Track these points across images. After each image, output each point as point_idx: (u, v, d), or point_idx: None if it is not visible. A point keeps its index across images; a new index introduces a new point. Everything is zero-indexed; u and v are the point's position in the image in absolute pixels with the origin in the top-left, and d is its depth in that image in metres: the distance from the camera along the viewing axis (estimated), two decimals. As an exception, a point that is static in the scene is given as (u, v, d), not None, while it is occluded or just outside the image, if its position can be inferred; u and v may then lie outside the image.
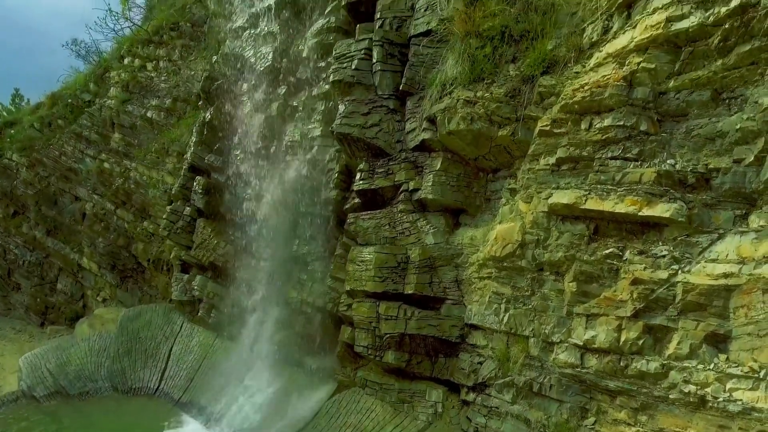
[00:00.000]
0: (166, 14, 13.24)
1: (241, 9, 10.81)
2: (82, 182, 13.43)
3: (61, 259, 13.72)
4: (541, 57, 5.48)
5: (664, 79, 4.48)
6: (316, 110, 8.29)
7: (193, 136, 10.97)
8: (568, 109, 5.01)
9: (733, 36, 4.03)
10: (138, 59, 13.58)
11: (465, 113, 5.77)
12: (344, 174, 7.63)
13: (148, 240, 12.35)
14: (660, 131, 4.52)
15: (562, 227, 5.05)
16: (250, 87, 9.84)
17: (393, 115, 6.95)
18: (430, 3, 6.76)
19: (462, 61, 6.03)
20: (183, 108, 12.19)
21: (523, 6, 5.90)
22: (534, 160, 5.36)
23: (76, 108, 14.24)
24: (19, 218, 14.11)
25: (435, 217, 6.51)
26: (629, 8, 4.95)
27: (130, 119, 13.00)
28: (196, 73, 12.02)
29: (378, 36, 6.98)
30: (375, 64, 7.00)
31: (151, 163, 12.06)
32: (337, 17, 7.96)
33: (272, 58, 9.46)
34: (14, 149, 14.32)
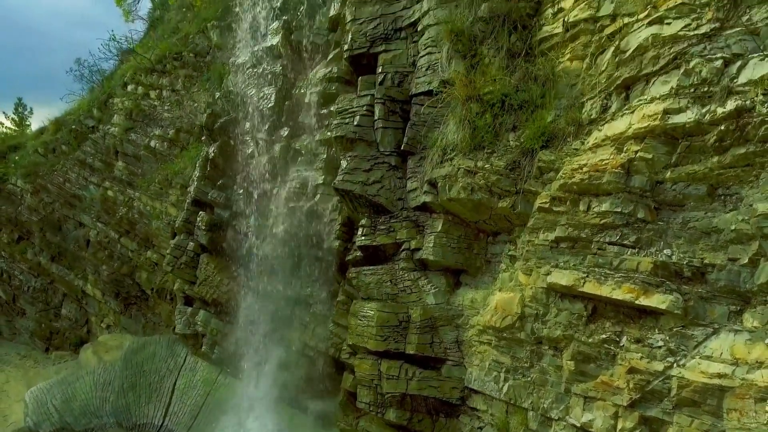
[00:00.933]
0: (169, 43, 13.32)
1: (243, 45, 10.89)
2: (86, 209, 13.55)
3: (66, 286, 13.84)
4: (541, 130, 5.56)
5: (661, 169, 4.56)
6: (319, 157, 8.37)
7: (197, 171, 11.07)
8: (566, 188, 5.09)
9: (728, 138, 4.11)
10: (141, 87, 13.67)
11: (465, 183, 5.85)
12: (346, 226, 7.72)
13: (151, 269, 12.46)
14: (657, 219, 4.59)
15: (561, 305, 5.14)
16: (253, 126, 9.93)
17: (395, 171, 7.03)
18: (431, 63, 6.83)
19: (463, 127, 6.11)
20: (186, 139, 12.29)
21: (523, 75, 5.98)
22: (533, 233, 5.45)
23: (79, 134, 14.34)
24: (23, 244, 14.23)
25: (436, 277, 6.59)
26: (628, 90, 5.03)
27: (133, 148, 13.09)
28: (199, 105, 12.10)
29: (380, 94, 7.06)
30: (377, 121, 7.08)
31: (154, 194, 12.16)
32: (339, 67, 8.03)
33: (275, 99, 9.54)
34: (19, 175, 14.44)
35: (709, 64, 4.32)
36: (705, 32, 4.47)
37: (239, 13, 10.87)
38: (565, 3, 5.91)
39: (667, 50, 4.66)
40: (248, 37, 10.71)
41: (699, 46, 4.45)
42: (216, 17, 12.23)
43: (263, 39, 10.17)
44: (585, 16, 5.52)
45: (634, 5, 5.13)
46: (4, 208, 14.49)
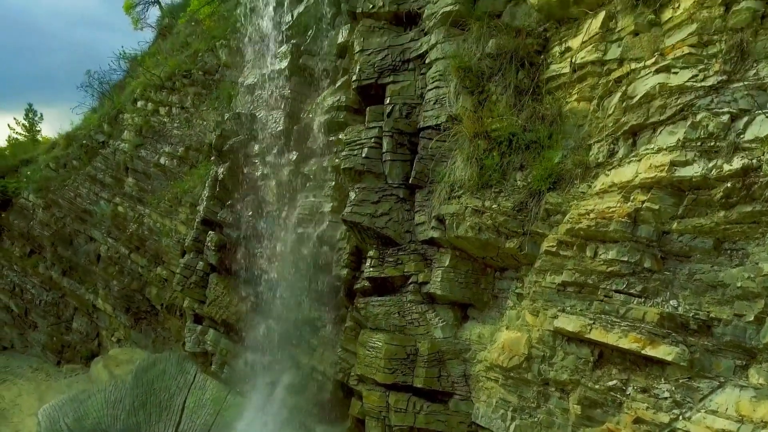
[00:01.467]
0: (178, 60, 13.44)
1: (252, 65, 10.99)
2: (97, 225, 13.71)
3: (77, 300, 14.01)
4: (548, 171, 5.60)
5: (668, 220, 4.60)
6: (327, 184, 8.45)
7: (206, 191, 11.18)
8: (573, 233, 5.14)
9: (735, 195, 4.14)
10: (151, 103, 13.81)
11: (473, 222, 5.91)
12: (354, 255, 7.78)
13: (161, 285, 12.60)
14: (663, 269, 4.63)
15: (568, 348, 5.19)
16: (262, 149, 10.02)
17: (402, 204, 7.10)
18: (439, 97, 6.89)
19: (470, 164, 6.16)
20: (195, 157, 12.40)
21: (531, 114, 6.02)
22: (540, 274, 5.50)
23: (90, 149, 14.50)
24: (35, 258, 14.42)
25: (444, 310, 6.65)
26: (635, 136, 5.06)
27: (143, 165, 13.23)
28: (208, 123, 12.21)
29: (388, 127, 7.12)
30: (385, 153, 7.14)
31: (164, 211, 12.28)
32: (347, 96, 8.10)
33: (283, 122, 9.63)
34: (31, 189, 14.63)
35: (716, 119, 4.35)
36: (712, 84, 4.50)
37: (248, 35, 10.96)
38: (572, 42, 5.95)
39: (674, 100, 4.69)
40: (257, 59, 10.81)
41: (706, 99, 4.48)
42: (224, 36, 12.33)
43: (272, 61, 10.27)
44: (592, 58, 5.56)
45: (642, 51, 5.16)
46: (16, 223, 14.68)
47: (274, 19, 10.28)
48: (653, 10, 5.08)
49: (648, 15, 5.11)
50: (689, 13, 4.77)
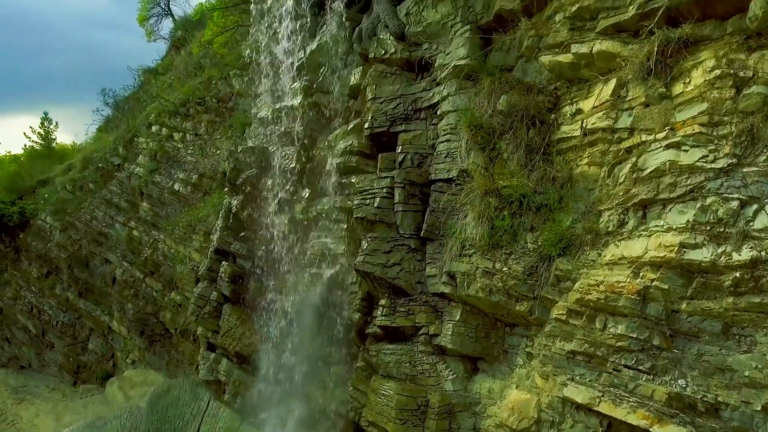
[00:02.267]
0: (192, 87, 13.62)
1: (265, 98, 11.11)
2: (112, 248, 13.94)
3: (92, 321, 14.27)
4: (558, 236, 5.67)
5: (677, 299, 4.66)
6: (339, 226, 8.56)
7: (219, 221, 11.34)
8: (583, 303, 5.21)
9: (743, 285, 4.19)
10: (165, 129, 14.01)
11: (484, 284, 6.00)
12: (366, 300, 7.89)
13: (175, 310, 12.80)
14: (672, 347, 4.69)
15: (577, 416, 5.26)
16: (275, 185, 10.15)
17: (414, 254, 7.19)
18: (450, 150, 6.97)
19: (481, 223, 6.24)
20: (209, 184, 12.58)
21: (542, 175, 6.08)
22: (550, 338, 5.57)
23: (106, 172, 14.75)
24: (52, 279, 14.69)
25: (454, 362, 6.75)
26: (645, 208, 5.12)
27: (157, 190, 13.44)
28: (221, 152, 12.38)
29: (400, 178, 7.22)
30: (397, 204, 7.24)
31: (178, 238, 12.48)
32: (359, 141, 8.18)
33: (296, 159, 9.75)
34: (48, 211, 14.90)
35: (725, 204, 4.40)
36: (722, 167, 4.56)
37: (260, 68, 11.08)
38: (583, 105, 6.00)
39: (684, 179, 4.75)
40: (269, 92, 10.93)
41: (716, 182, 4.54)
42: (238, 65, 12.48)
43: (284, 96, 10.39)
44: (603, 125, 5.61)
45: (652, 122, 5.21)
46: (34, 244, 14.98)
47: (287, 55, 10.39)
48: (664, 83, 5.13)
49: (659, 88, 5.16)
50: (700, 91, 4.82)
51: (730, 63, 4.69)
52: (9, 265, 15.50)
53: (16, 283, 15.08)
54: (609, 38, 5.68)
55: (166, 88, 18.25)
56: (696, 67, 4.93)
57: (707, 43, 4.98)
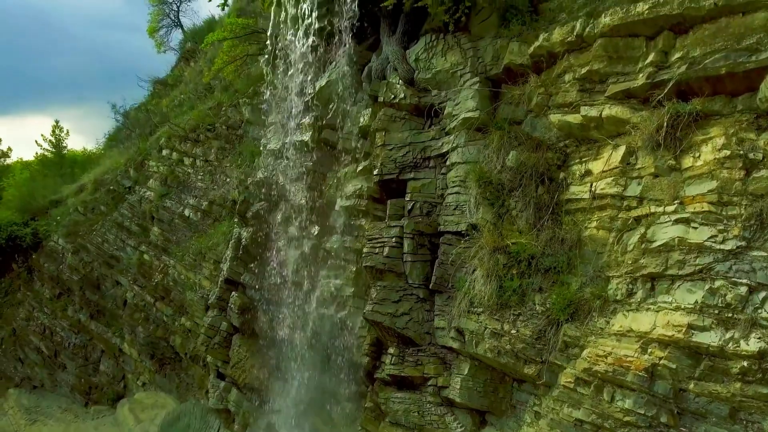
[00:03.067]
0: (202, 113, 13.73)
1: (275, 131, 11.18)
2: (123, 271, 14.10)
3: (104, 343, 14.45)
4: (567, 301, 5.70)
5: (685, 379, 4.68)
6: (349, 268, 8.62)
7: (229, 251, 11.43)
8: (591, 373, 5.24)
9: (751, 375, 4.22)
10: (176, 153, 14.14)
11: (492, 345, 6.04)
12: (374, 345, 7.94)
13: (186, 336, 12.92)
14: (680, 425, 4.72)
15: (584, 485, 5.30)
16: (285, 219, 10.23)
17: (423, 303, 7.24)
18: (459, 203, 7.01)
19: (490, 281, 6.28)
20: (219, 212, 12.69)
21: (550, 235, 6.11)
22: (558, 403, 5.60)
23: (117, 195, 14.91)
24: (64, 300, 14.88)
25: (462, 414, 6.79)
26: (653, 281, 5.15)
27: (168, 215, 13.57)
28: (231, 180, 12.48)
29: (409, 228, 7.26)
30: (405, 254, 7.29)
31: (188, 265, 12.59)
32: (368, 185, 8.24)
33: (306, 196, 9.82)
34: (60, 233, 15.07)
35: (734, 289, 4.42)
36: (731, 249, 4.58)
37: (271, 100, 11.16)
38: (592, 166, 6.02)
39: (692, 258, 4.77)
40: (279, 125, 11.00)
41: (725, 264, 4.56)
42: (248, 94, 12.57)
43: (294, 130, 10.45)
44: (612, 192, 5.64)
45: (661, 193, 5.23)
46: (46, 266, 15.17)
47: (297, 88, 10.45)
48: (673, 156, 5.15)
49: (668, 159, 5.18)
50: (709, 168, 4.84)
51: (740, 142, 4.71)
52: (22, 285, 15.72)
53: (29, 304, 15.30)
54: (618, 103, 5.70)
55: (176, 107, 18.42)
56: (706, 143, 4.95)
57: (717, 118, 4.99)
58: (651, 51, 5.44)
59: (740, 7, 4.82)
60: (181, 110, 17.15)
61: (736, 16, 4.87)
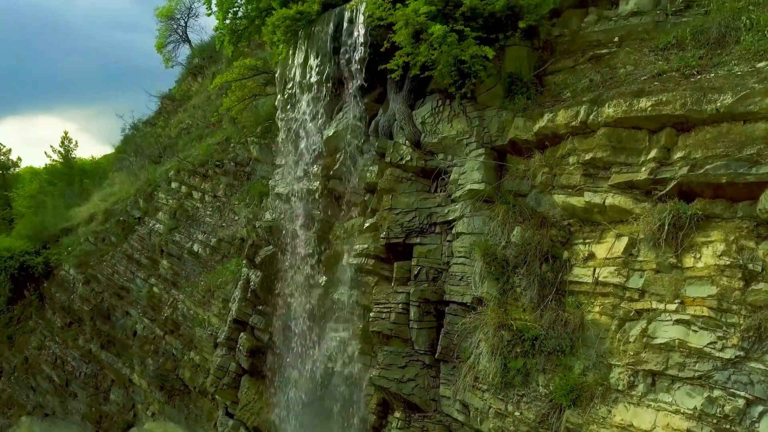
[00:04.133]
0: (211, 148, 13.89)
1: (282, 174, 11.31)
2: (133, 303, 14.32)
3: (114, 373, 14.68)
4: (570, 386, 5.82)
5: (684, 482, 4.80)
6: (356, 324, 8.74)
7: (238, 291, 11.60)
8: (593, 464, 5.37)
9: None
10: (185, 186, 14.31)
11: (496, 425, 6.18)
12: (381, 405, 8.09)
13: (194, 370, 13.12)
14: None
15: None
16: (292, 266, 10.38)
17: (428, 370, 7.39)
18: (464, 274, 7.14)
19: (494, 358, 6.41)
20: (227, 248, 12.85)
21: (554, 317, 6.22)
22: (561, 486, 5.74)
23: (127, 225, 15.12)
24: (75, 330, 15.12)
25: (468, 483, 6.94)
26: (654, 377, 5.26)
27: (177, 249, 13.75)
28: (239, 218, 12.64)
29: (415, 297, 7.40)
30: (412, 321, 7.43)
31: (197, 301, 12.78)
32: (375, 246, 8.35)
33: (314, 244, 9.96)
34: (71, 263, 15.30)
35: (732, 401, 4.54)
36: (730, 358, 4.69)
37: (279, 144, 11.28)
38: (596, 249, 6.13)
39: (692, 363, 4.89)
40: (287, 168, 11.12)
41: (723, 374, 4.67)
42: (256, 134, 12.71)
43: (302, 178, 10.58)
44: (614, 281, 5.74)
45: (663, 289, 5.34)
46: (58, 296, 15.43)
47: (305, 135, 10.58)
48: (675, 254, 5.25)
49: (670, 257, 5.28)
50: (710, 273, 4.96)
51: (740, 251, 4.82)
52: (34, 312, 15.99)
53: (41, 333, 15.58)
54: (621, 193, 5.81)
55: (183, 131, 18.61)
56: (706, 245, 5.06)
57: (718, 221, 5.10)
58: (653, 146, 5.55)
59: (741, 116, 4.92)
60: (189, 138, 17.33)
61: (737, 122, 4.97)
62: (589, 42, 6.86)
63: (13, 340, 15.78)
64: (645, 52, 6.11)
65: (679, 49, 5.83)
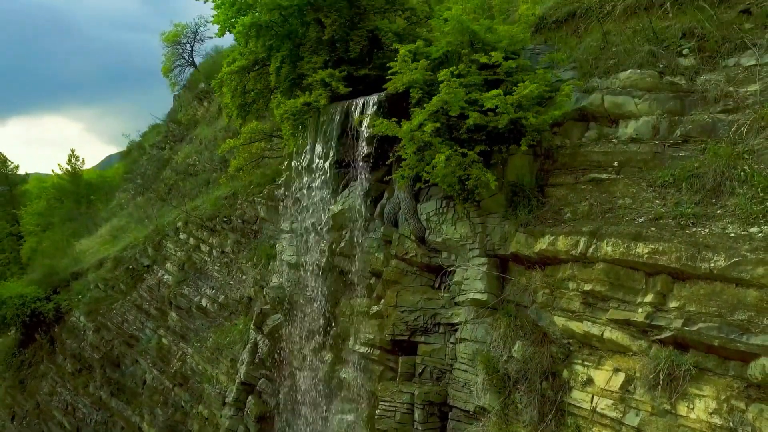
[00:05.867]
0: (218, 203, 14.14)
1: (289, 241, 11.54)
2: (142, 353, 14.61)
3: (124, 421, 15.00)
4: None
5: None
6: (363, 411, 8.99)
7: (246, 354, 11.88)
8: None
9: None
10: (193, 239, 14.58)
11: None
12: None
13: (203, 423, 13.42)
14: None
15: None
16: (300, 339, 10.64)
17: (434, 471, 7.64)
18: (467, 381, 7.38)
19: (497, 474, 6.65)
20: (235, 306, 13.12)
21: None
22: None
23: (136, 274, 15.40)
24: (85, 376, 15.44)
25: None
26: None
27: (185, 302, 14.04)
28: (247, 279, 12.90)
29: (420, 399, 7.65)
30: (417, 423, 7.68)
31: (206, 358, 13.07)
32: (381, 338, 8.59)
33: (320, 320, 10.21)
34: (81, 310, 15.61)
35: None
36: None
37: (285, 209, 11.51)
38: (594, 374, 6.34)
39: None
40: (293, 235, 11.35)
41: None
42: (263, 195, 12.94)
43: (309, 250, 10.81)
44: (611, 415, 5.97)
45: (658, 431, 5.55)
46: (69, 342, 15.75)
47: (312, 208, 10.80)
48: (669, 401, 5.47)
49: (664, 403, 5.51)
50: (701, 428, 5.17)
51: (731, 411, 5.04)
52: (45, 356, 16.34)
53: (52, 378, 15.92)
54: (619, 328, 6.02)
55: (189, 171, 18.88)
56: (699, 398, 5.28)
57: (711, 375, 5.31)
58: (650, 290, 5.76)
59: (734, 279, 5.12)
60: (196, 181, 17.60)
61: (730, 284, 5.18)
62: (590, 162, 7.06)
63: (25, 384, 16.12)
64: (643, 186, 6.31)
65: (676, 190, 6.03)
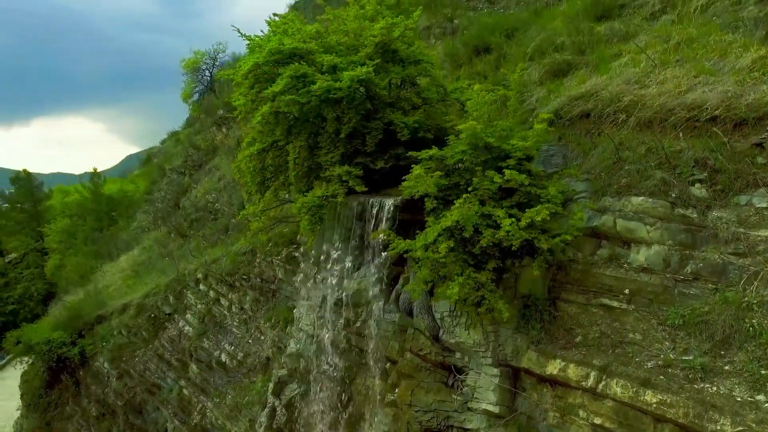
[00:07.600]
0: (237, 260, 14.48)
1: (307, 309, 11.82)
2: (164, 402, 15.04)
3: (147, 466, 15.48)
4: None
5: None
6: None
7: (263, 418, 12.21)
8: None
9: None
10: (212, 292, 14.94)
11: None
12: None
13: (223, 477, 13.82)
14: None
15: None
16: (318, 411, 10.92)
17: None
18: (479, 490, 7.58)
19: None
20: (253, 363, 13.46)
21: None
22: None
23: (158, 321, 15.84)
24: (108, 421, 15.94)
25: None
26: None
27: (206, 355, 14.42)
28: (265, 339, 13.22)
29: (432, 504, 7.88)
30: None
31: (225, 414, 13.44)
32: (396, 429, 8.85)
33: (337, 396, 10.49)
34: (105, 357, 16.10)
35: None
36: None
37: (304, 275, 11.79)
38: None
39: None
40: (310, 313, 11.62)
41: None
42: (281, 258, 13.23)
43: (326, 325, 11.08)
44: None
45: None
46: (93, 388, 16.26)
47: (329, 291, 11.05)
48: None
49: None
50: None
51: None
52: (71, 398, 16.91)
53: (77, 422, 16.49)
54: (627, 466, 6.17)
55: (209, 208, 19.25)
56: None
57: None
58: (658, 441, 5.90)
59: (739, 445, 5.25)
60: (215, 226, 17.99)
61: (735, 449, 5.30)
62: (601, 285, 7.19)
63: (51, 426, 16.71)
64: (653, 324, 6.44)
65: (686, 334, 6.15)
